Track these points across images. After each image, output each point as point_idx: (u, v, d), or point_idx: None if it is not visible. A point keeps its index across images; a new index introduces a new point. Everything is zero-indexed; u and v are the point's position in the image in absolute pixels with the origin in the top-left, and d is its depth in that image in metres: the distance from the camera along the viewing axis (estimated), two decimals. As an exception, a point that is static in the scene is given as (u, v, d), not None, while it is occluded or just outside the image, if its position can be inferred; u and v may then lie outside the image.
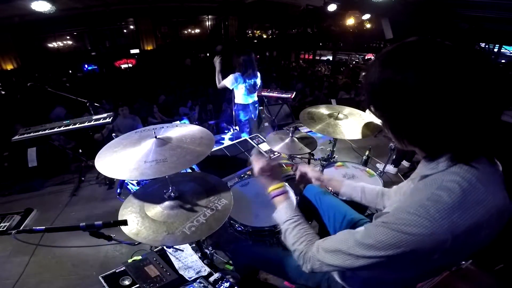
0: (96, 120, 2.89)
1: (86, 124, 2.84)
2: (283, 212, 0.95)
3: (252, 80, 3.17)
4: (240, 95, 3.26)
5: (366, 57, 14.89)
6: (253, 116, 3.45)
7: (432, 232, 0.56)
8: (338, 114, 2.10)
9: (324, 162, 2.39)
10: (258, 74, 3.25)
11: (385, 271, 0.66)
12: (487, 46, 8.70)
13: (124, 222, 1.07)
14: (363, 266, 0.66)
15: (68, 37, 11.69)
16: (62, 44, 11.51)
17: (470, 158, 0.60)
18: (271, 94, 4.06)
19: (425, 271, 0.71)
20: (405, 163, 3.17)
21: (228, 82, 3.08)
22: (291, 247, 0.88)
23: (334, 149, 2.39)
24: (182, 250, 1.53)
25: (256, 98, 3.40)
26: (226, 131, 4.13)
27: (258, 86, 3.29)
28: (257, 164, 1.06)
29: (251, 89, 3.21)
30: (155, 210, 1.23)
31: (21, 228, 2.18)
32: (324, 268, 0.77)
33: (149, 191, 1.37)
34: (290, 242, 0.88)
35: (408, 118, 0.61)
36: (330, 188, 1.39)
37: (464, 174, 0.59)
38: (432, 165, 0.65)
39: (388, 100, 0.62)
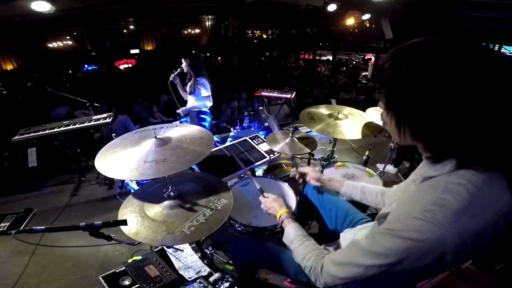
0: (96, 120, 2.89)
1: (86, 124, 2.84)
2: (290, 234, 1.01)
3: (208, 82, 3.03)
4: (203, 100, 3.05)
5: (366, 57, 14.88)
6: (211, 119, 3.30)
7: (441, 237, 0.55)
8: (338, 114, 2.10)
9: (324, 162, 2.39)
10: None
11: (395, 277, 0.66)
12: (487, 46, 8.69)
13: (124, 222, 1.06)
14: (375, 275, 0.65)
15: (68, 37, 11.68)
16: (62, 44, 11.50)
17: (478, 162, 0.58)
18: (271, 94, 4.06)
19: (430, 273, 0.71)
20: (405, 163, 3.17)
21: (205, 92, 2.94)
22: (301, 264, 0.91)
23: (334, 149, 2.39)
24: (182, 250, 1.53)
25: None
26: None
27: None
28: (263, 204, 1.24)
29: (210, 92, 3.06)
30: (155, 210, 1.23)
31: (21, 228, 2.17)
32: (337, 281, 0.76)
33: (149, 191, 1.37)
34: (299, 260, 0.92)
35: (422, 115, 0.59)
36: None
37: (470, 177, 0.57)
38: (437, 167, 0.63)
39: (405, 96, 0.60)
